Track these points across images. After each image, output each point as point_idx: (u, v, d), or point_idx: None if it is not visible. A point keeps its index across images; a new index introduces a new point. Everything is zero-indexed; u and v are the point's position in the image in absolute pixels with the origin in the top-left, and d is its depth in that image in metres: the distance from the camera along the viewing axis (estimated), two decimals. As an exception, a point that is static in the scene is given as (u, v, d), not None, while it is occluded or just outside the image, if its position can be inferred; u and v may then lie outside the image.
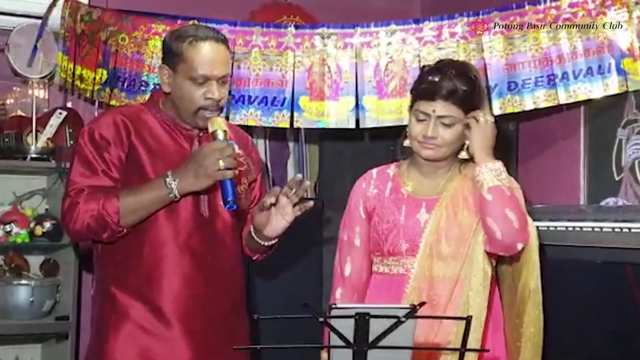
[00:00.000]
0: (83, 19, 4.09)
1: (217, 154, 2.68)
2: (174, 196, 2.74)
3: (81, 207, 2.77)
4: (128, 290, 2.86)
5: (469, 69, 2.95)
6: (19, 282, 3.95)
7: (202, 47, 2.82)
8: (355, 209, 3.01)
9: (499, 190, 2.80)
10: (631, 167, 3.89)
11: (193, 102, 2.84)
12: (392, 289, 2.90)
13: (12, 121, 4.09)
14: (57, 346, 4.04)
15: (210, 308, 2.89)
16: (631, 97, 3.86)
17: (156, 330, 2.83)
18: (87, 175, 2.84)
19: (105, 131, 2.85)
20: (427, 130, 2.83)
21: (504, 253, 2.86)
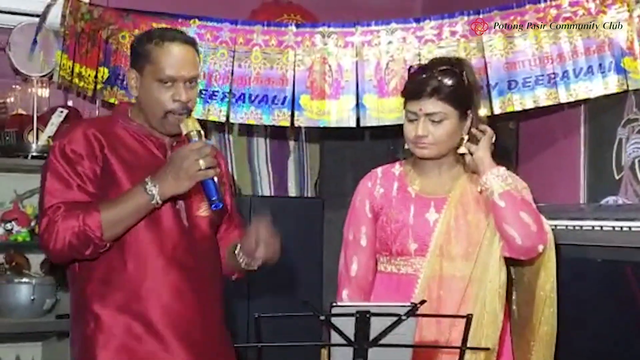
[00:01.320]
0: (84, 18, 4.09)
1: (196, 154, 2.61)
2: (156, 202, 2.66)
3: (60, 225, 2.67)
4: (114, 307, 2.78)
5: (456, 65, 2.94)
6: (19, 280, 3.95)
7: (169, 47, 2.78)
8: (361, 208, 3.01)
9: (510, 195, 2.81)
10: (631, 166, 3.89)
11: (160, 105, 2.78)
12: (400, 289, 2.90)
13: (13, 119, 4.09)
14: (57, 344, 4.04)
15: (203, 318, 2.86)
16: (631, 96, 3.86)
17: (151, 346, 2.78)
18: (62, 190, 2.75)
19: (76, 146, 2.78)
20: (417, 129, 2.84)
21: (525, 257, 2.87)
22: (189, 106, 2.80)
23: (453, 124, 2.86)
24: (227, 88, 3.99)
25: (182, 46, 2.81)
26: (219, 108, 3.98)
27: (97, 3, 4.21)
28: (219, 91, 3.98)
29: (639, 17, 3.67)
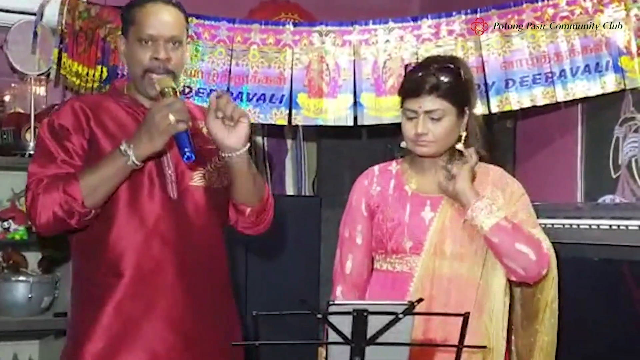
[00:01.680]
0: (81, 16, 4.09)
1: (166, 109, 2.59)
2: (132, 163, 2.63)
3: (42, 197, 2.67)
4: (97, 283, 2.77)
5: (452, 62, 2.94)
6: (17, 278, 3.96)
7: (150, 7, 2.80)
8: (357, 206, 3.01)
9: (500, 228, 2.79)
10: (628, 165, 3.90)
11: (140, 64, 2.78)
12: (395, 287, 2.89)
13: (10, 118, 4.10)
14: (55, 343, 4.04)
15: (187, 294, 2.81)
16: (628, 95, 3.87)
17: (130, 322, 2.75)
18: (45, 165, 2.76)
19: (64, 120, 2.79)
20: (417, 127, 2.83)
21: (531, 282, 2.87)
22: (169, 66, 2.79)
23: (452, 121, 2.85)
24: (224, 86, 3.99)
25: (162, 6, 2.82)
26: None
27: (94, 1, 4.21)
28: (217, 90, 3.99)
29: (636, 16, 3.68)
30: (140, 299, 2.76)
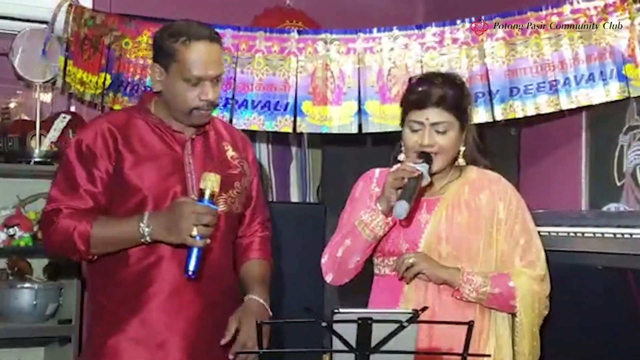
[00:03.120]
0: (87, 24, 4.11)
1: (194, 219, 2.62)
2: (145, 241, 2.72)
3: (55, 228, 2.77)
4: (115, 299, 2.84)
5: (455, 76, 2.98)
6: (22, 285, 3.97)
7: (195, 47, 2.80)
8: (361, 198, 3.00)
9: (490, 299, 2.86)
10: (633, 173, 3.90)
11: (187, 104, 2.82)
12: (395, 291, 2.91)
13: (15, 125, 4.11)
14: (60, 349, 4.06)
15: (201, 317, 2.87)
16: (633, 103, 3.87)
17: (146, 342, 2.82)
18: (67, 193, 2.82)
19: (92, 143, 2.83)
20: (423, 138, 2.83)
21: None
22: (215, 103, 2.88)
23: (455, 134, 2.87)
24: (229, 94, 4.00)
25: (208, 45, 2.83)
26: (222, 114, 3.98)
27: (99, 9, 4.22)
28: (222, 97, 3.98)
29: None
30: (155, 321, 2.83)
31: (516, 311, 2.87)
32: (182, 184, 2.85)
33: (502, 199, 2.94)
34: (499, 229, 2.92)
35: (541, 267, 2.93)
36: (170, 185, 2.84)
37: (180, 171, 2.88)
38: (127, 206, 2.83)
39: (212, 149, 2.97)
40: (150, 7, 4.30)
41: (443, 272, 2.83)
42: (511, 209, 2.93)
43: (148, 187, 2.83)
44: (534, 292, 2.88)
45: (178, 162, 2.88)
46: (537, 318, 2.91)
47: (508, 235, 2.92)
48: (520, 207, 2.96)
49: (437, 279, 2.83)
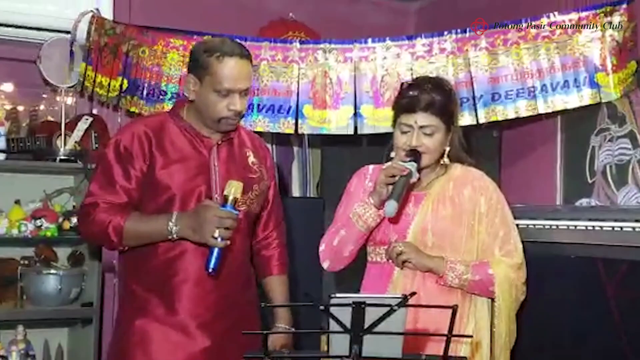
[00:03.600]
0: (107, 33, 4.09)
1: (217, 222, 2.65)
2: (172, 238, 2.76)
3: (92, 220, 2.81)
4: (145, 285, 2.87)
5: (444, 82, 2.95)
6: (48, 271, 3.96)
7: (228, 62, 2.81)
8: (356, 192, 2.98)
9: (472, 285, 2.84)
10: (603, 172, 3.91)
11: (217, 112, 2.84)
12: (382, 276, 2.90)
13: (42, 126, 4.10)
14: (82, 330, 4.05)
15: (221, 304, 2.89)
16: (604, 108, 3.89)
17: (170, 325, 2.84)
18: (105, 188, 2.85)
19: (129, 144, 2.85)
20: (411, 140, 2.82)
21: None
22: (242, 114, 2.90)
23: (441, 136, 2.85)
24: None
25: (239, 61, 2.84)
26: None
27: (120, 20, 4.22)
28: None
29: (611, 36, 3.70)
30: (180, 307, 2.86)
31: (495, 296, 2.86)
32: (207, 184, 2.87)
33: (484, 194, 2.92)
34: (480, 221, 2.90)
35: (518, 256, 2.91)
36: (196, 185, 2.86)
37: (206, 173, 2.89)
38: (158, 202, 2.85)
39: (235, 154, 2.99)
40: (165, 19, 4.29)
41: (428, 261, 2.82)
42: (492, 203, 2.91)
43: (177, 186, 2.85)
44: (511, 279, 2.87)
45: (204, 164, 2.89)
46: (514, 303, 2.90)
47: (488, 227, 2.90)
48: (500, 201, 2.94)
49: (422, 267, 2.82)
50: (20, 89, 4.21)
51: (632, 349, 2.99)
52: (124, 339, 2.89)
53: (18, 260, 4.08)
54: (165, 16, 4.40)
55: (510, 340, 2.94)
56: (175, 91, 4.04)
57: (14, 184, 4.11)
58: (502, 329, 2.90)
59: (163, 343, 2.84)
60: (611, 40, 3.70)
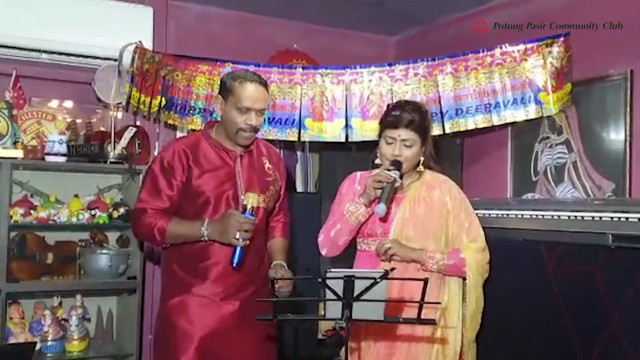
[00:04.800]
0: (148, 61, 4.10)
1: (238, 226, 2.72)
2: (204, 239, 2.82)
3: (141, 222, 2.88)
4: (185, 268, 2.92)
5: (421, 105, 2.97)
6: (101, 251, 3.96)
7: (248, 86, 2.86)
8: (347, 193, 2.99)
9: (448, 269, 2.85)
10: (544, 172, 3.92)
11: (236, 125, 2.87)
12: (371, 261, 2.90)
13: (96, 135, 4.10)
14: (128, 298, 4.06)
15: (242, 280, 2.93)
16: (545, 121, 3.89)
17: (204, 296, 2.89)
18: (152, 195, 2.91)
19: (171, 160, 2.90)
20: (394, 150, 2.84)
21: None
22: (257, 128, 2.93)
23: (418, 148, 2.86)
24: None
25: (257, 86, 2.89)
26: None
27: (158, 50, 4.22)
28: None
29: (550, 63, 3.71)
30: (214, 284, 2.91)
31: (466, 275, 2.87)
32: (233, 189, 2.91)
33: (449, 195, 2.93)
34: (448, 216, 2.91)
35: (481, 241, 2.93)
36: (225, 190, 2.91)
37: (233, 179, 2.93)
38: (196, 204, 2.90)
39: (254, 162, 3.02)
40: (194, 49, 4.30)
41: (411, 253, 2.83)
42: (455, 201, 2.93)
43: (210, 191, 2.90)
44: (478, 260, 2.88)
45: (231, 172, 2.93)
46: (480, 279, 2.91)
47: (456, 220, 2.91)
48: (462, 199, 2.96)
49: (407, 258, 2.83)
50: (78, 105, 4.20)
51: (568, 312, 3.00)
52: (169, 309, 2.94)
53: (76, 242, 4.08)
54: (194, 47, 4.40)
55: (479, 307, 2.95)
56: (202, 107, 4.04)
57: (73, 181, 4.10)
58: (472, 300, 2.92)
59: (198, 309, 2.89)
60: (551, 66, 3.71)
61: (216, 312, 2.88)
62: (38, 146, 3.87)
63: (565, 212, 3.11)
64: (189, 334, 2.85)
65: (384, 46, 5.27)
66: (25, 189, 3.96)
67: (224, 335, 2.88)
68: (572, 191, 3.76)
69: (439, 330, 2.84)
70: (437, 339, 2.84)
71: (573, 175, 3.76)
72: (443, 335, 2.85)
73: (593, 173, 3.67)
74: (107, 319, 4.23)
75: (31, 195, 3.97)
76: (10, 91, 3.89)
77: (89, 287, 3.98)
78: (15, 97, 3.90)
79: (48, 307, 3.92)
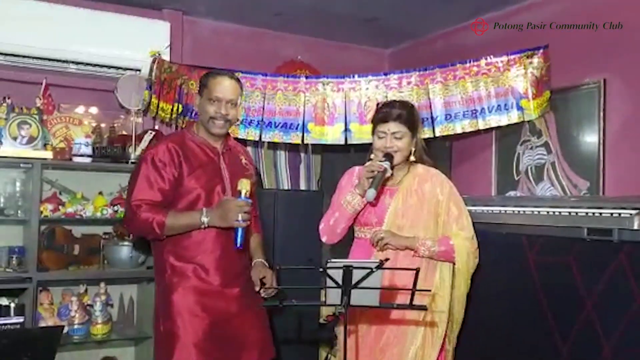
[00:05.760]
0: (165, 71, 4.11)
1: (238, 210, 2.69)
2: (204, 226, 2.77)
3: (138, 217, 2.77)
4: (183, 259, 2.83)
5: (407, 101, 2.99)
6: (122, 243, 3.96)
7: (218, 79, 2.86)
8: (346, 185, 2.98)
9: (439, 255, 2.84)
10: (525, 171, 3.93)
11: (207, 114, 2.85)
12: (365, 249, 2.90)
13: (119, 138, 4.11)
14: (147, 286, 4.06)
15: (238, 268, 2.90)
16: (526, 125, 3.91)
17: (206, 285, 2.84)
18: (145, 190, 2.80)
19: (162, 156, 2.82)
20: (386, 142, 2.84)
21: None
22: (228, 118, 2.86)
23: (408, 140, 2.86)
24: (259, 118, 4.00)
25: (226, 79, 2.87)
26: (254, 131, 3.99)
27: (175, 61, 4.23)
28: (254, 120, 4.00)
29: (531, 73, 3.72)
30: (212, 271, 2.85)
31: (455, 261, 2.86)
32: (221, 183, 2.88)
33: (440, 187, 2.92)
34: (438, 207, 2.90)
35: (470, 229, 2.91)
36: (215, 184, 2.87)
37: (219, 175, 2.89)
38: (189, 199, 2.84)
39: (234, 158, 2.99)
40: (207, 60, 4.31)
41: (404, 241, 2.82)
42: (445, 192, 2.91)
43: (201, 186, 2.84)
44: (467, 247, 2.87)
45: (217, 168, 2.89)
46: (469, 264, 2.90)
47: (446, 210, 2.90)
48: (452, 191, 2.94)
49: (400, 246, 2.82)
50: (102, 111, 4.21)
51: (546, 298, 3.01)
52: (174, 303, 2.82)
53: (101, 235, 4.09)
54: (207, 58, 4.42)
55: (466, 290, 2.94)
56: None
57: (98, 179, 4.11)
58: (462, 283, 2.91)
59: (202, 299, 2.82)
60: (531, 75, 3.72)
61: (219, 299, 2.84)
62: (66, 148, 3.89)
63: (544, 208, 3.11)
64: (196, 323, 2.80)
65: (379, 58, 5.27)
66: (54, 187, 3.97)
67: (228, 319, 2.84)
68: (551, 189, 3.76)
69: (429, 314, 2.84)
70: (427, 322, 2.85)
71: (552, 175, 3.77)
72: (433, 319, 2.85)
73: (570, 173, 3.68)
74: (128, 305, 4.24)
75: (60, 193, 3.98)
76: (40, 98, 3.90)
77: (112, 275, 3.98)
78: (46, 103, 3.91)
79: (75, 294, 3.93)
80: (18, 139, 3.64)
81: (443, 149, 4.42)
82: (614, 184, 3.46)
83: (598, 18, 3.58)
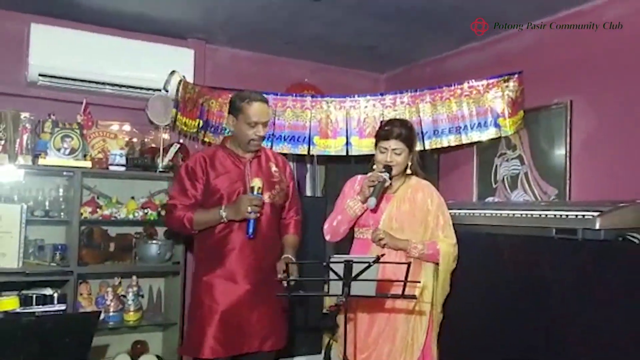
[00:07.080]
0: (189, 91, 4.12)
1: (249, 203, 2.74)
2: (224, 220, 2.81)
3: (173, 215, 2.88)
4: (207, 253, 2.91)
5: (407, 121, 2.98)
6: (152, 242, 3.99)
7: (254, 104, 2.87)
8: (348, 192, 2.99)
9: (426, 258, 2.85)
10: (502, 180, 3.93)
11: (247, 137, 2.88)
12: (364, 247, 2.91)
13: (149, 150, 4.11)
14: (173, 279, 4.08)
15: (256, 262, 2.90)
16: (503, 140, 3.91)
17: (225, 278, 2.87)
18: (181, 194, 2.91)
19: (194, 166, 2.92)
20: (387, 157, 2.86)
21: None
22: (264, 138, 2.93)
23: (405, 156, 2.88)
24: (271, 132, 3.99)
25: (261, 104, 2.89)
26: (266, 143, 3.97)
27: (198, 83, 4.26)
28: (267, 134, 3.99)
29: (507, 95, 3.73)
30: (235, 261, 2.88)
31: (439, 262, 2.87)
32: (243, 186, 2.90)
33: (430, 197, 2.93)
34: (428, 214, 2.91)
35: (452, 237, 2.92)
36: (237, 187, 2.90)
37: (243, 179, 2.92)
38: (214, 199, 2.90)
39: (262, 166, 3.00)
40: (227, 82, 4.30)
41: (399, 243, 2.83)
42: (435, 203, 2.92)
43: (224, 189, 2.90)
44: (450, 252, 2.88)
45: (241, 174, 2.92)
46: (450, 266, 2.91)
47: (434, 219, 2.90)
48: (440, 202, 2.95)
49: (395, 247, 2.83)
50: (135, 127, 4.22)
51: (521, 290, 2.98)
52: (197, 289, 2.93)
53: (133, 235, 4.11)
54: (226, 80, 4.41)
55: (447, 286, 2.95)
56: (231, 128, 4.06)
57: (130, 186, 4.13)
58: (442, 280, 2.92)
59: (220, 288, 2.86)
60: (508, 97, 3.74)
61: (234, 291, 2.86)
62: (103, 158, 3.92)
63: (518, 211, 3.12)
64: (213, 309, 2.84)
65: (376, 81, 5.27)
66: (92, 192, 4.00)
67: (241, 310, 2.86)
68: (524, 195, 3.79)
69: (418, 304, 2.86)
70: (416, 311, 2.86)
71: (525, 183, 3.80)
72: (421, 309, 2.87)
73: (540, 181, 3.71)
74: (157, 295, 4.26)
75: (97, 197, 4.00)
76: (81, 115, 3.94)
77: (142, 270, 4.00)
78: (85, 120, 3.95)
79: (110, 285, 3.95)
80: (61, 150, 3.69)
81: (432, 160, 4.43)
82: (579, 190, 3.49)
83: (564, 48, 3.62)
